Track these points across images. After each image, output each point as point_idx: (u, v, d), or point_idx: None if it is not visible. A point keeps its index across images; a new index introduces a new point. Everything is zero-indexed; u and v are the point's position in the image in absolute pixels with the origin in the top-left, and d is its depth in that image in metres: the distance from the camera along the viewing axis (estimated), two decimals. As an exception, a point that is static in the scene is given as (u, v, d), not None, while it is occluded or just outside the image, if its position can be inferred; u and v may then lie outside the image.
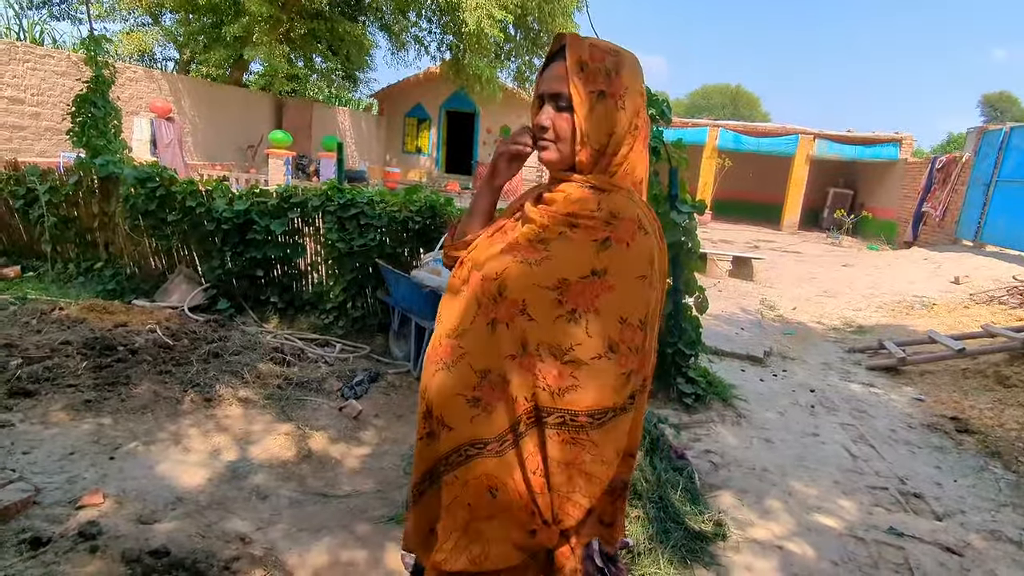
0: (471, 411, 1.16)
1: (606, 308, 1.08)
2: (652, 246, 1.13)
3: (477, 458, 1.16)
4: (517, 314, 1.12)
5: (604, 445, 1.10)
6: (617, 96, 1.14)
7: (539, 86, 1.21)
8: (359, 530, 2.41)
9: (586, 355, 1.08)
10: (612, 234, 1.11)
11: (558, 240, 1.14)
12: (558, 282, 1.10)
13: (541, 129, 1.18)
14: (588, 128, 1.14)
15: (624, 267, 1.10)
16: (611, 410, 1.09)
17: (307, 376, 3.74)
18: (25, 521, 2.17)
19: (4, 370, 3.29)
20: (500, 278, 1.15)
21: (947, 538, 2.69)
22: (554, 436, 1.09)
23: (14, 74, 9.07)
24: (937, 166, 12.81)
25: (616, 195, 1.15)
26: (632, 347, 1.09)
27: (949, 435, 3.87)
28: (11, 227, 5.80)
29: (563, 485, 1.10)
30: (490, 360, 1.15)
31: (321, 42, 14.62)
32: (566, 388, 1.08)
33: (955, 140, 25.53)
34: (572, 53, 1.13)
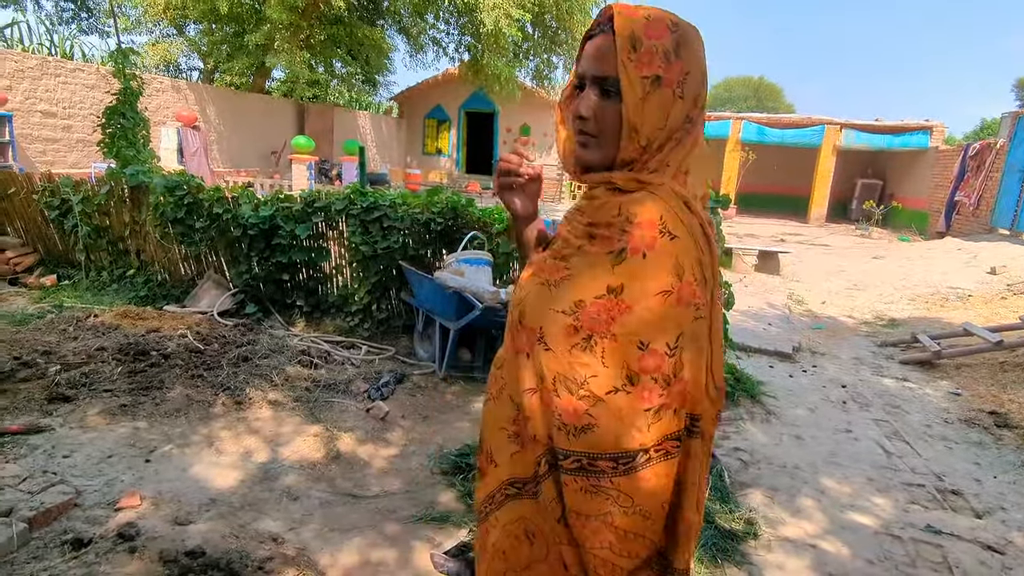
0: (512, 446, 1.06)
1: (623, 332, 0.90)
2: (680, 252, 0.92)
3: (515, 499, 1.05)
4: (536, 343, 0.98)
5: (640, 496, 0.92)
6: (675, 83, 0.93)
7: (580, 64, 0.99)
8: (388, 530, 2.43)
9: (602, 389, 0.91)
10: (629, 242, 0.92)
11: (577, 255, 0.99)
12: (574, 305, 0.94)
13: (580, 120, 0.98)
14: (638, 121, 0.93)
15: (640, 282, 0.91)
16: (639, 452, 0.91)
17: (334, 378, 3.79)
18: (67, 523, 2.24)
19: (44, 376, 3.39)
20: (521, 303, 1.04)
21: (987, 536, 2.62)
22: (571, 483, 0.94)
23: (46, 88, 9.34)
24: (970, 153, 12.46)
25: (639, 195, 0.96)
26: (658, 377, 0.90)
27: (988, 430, 3.76)
28: (47, 237, 5.97)
29: (588, 540, 0.94)
30: (518, 392, 1.03)
31: (341, 47, 14.78)
32: (583, 428, 0.92)
33: (988, 126, 24.81)
34: (623, 27, 0.91)
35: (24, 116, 8.98)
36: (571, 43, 14.32)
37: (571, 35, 14.09)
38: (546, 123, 18.25)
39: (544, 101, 17.24)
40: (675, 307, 0.91)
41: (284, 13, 11.42)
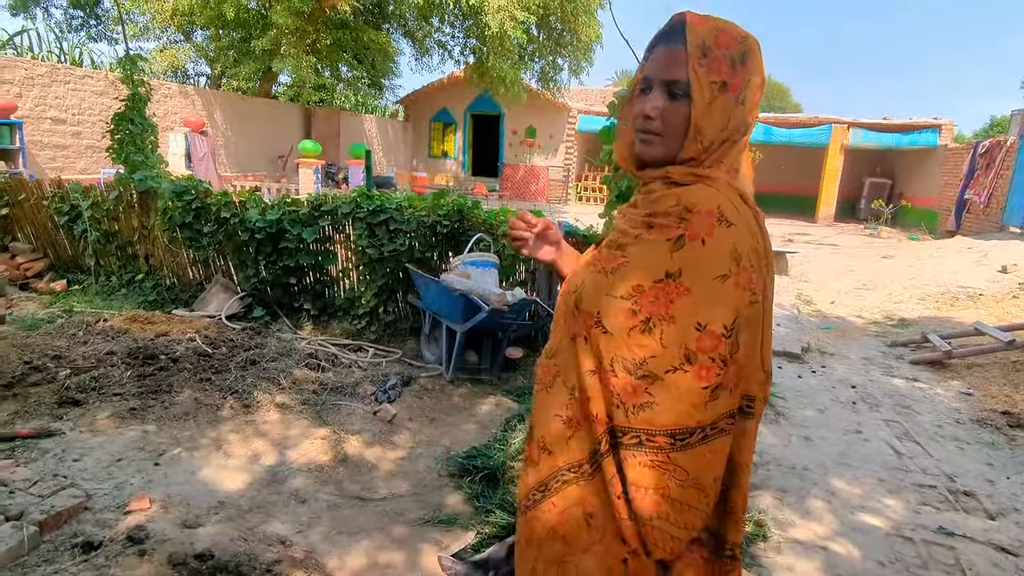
0: (567, 431, 1.09)
1: (682, 314, 0.96)
2: (737, 239, 0.97)
3: (573, 483, 1.09)
4: (593, 327, 1.04)
5: (695, 470, 0.97)
6: (739, 89, 1.01)
7: (646, 68, 1.06)
8: (396, 532, 2.43)
9: (661, 368, 0.96)
10: (687, 230, 0.98)
11: (634, 244, 1.05)
12: (633, 290, 1.00)
13: (646, 119, 1.04)
14: (704, 124, 1.00)
15: (699, 266, 0.96)
16: (696, 429, 0.96)
17: (341, 381, 3.80)
18: (77, 526, 2.25)
19: (54, 380, 3.42)
20: (577, 291, 1.09)
21: (1001, 538, 2.59)
22: (630, 458, 0.99)
23: (56, 95, 9.43)
24: (980, 151, 12.36)
25: (696, 186, 1.02)
26: (715, 356, 0.95)
27: (1000, 430, 3.72)
28: (57, 243, 6.02)
29: (647, 511, 0.98)
30: (574, 376, 1.08)
31: (347, 51, 14.83)
32: (641, 405, 0.97)
33: (998, 123, 24.59)
34: (694, 35, 0.99)
35: (34, 123, 9.06)
36: (576, 45, 14.30)
37: (576, 37, 14.07)
38: (552, 125, 18.25)
39: (550, 103, 17.24)
40: (733, 290, 0.96)
41: (290, 18, 11.48)
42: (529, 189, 18.56)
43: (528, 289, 4.40)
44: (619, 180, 4.04)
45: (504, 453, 2.87)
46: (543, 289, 4.36)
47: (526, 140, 18.68)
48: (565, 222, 4.40)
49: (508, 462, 2.78)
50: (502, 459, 2.81)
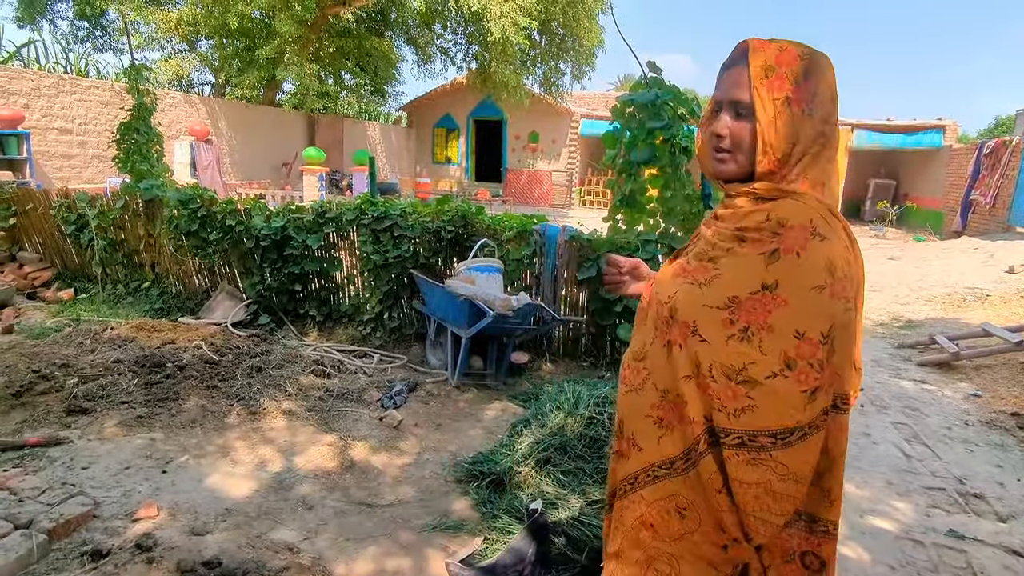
0: (658, 431, 1.18)
1: (780, 323, 1.03)
2: (831, 252, 1.04)
3: (664, 479, 1.17)
4: (689, 335, 1.11)
5: (794, 464, 1.04)
6: (804, 102, 1.07)
7: (717, 91, 1.16)
8: (403, 539, 2.43)
9: (761, 374, 1.03)
10: (781, 244, 1.05)
11: (727, 257, 1.11)
12: (728, 300, 1.07)
13: (717, 138, 1.14)
14: (771, 138, 1.07)
15: (796, 278, 1.03)
16: (796, 429, 1.03)
17: (347, 387, 3.80)
18: (86, 534, 2.26)
19: (62, 389, 3.44)
20: (671, 301, 1.15)
21: (1012, 540, 2.56)
22: (733, 457, 1.06)
23: (63, 106, 9.51)
24: (985, 151, 12.31)
25: (785, 202, 1.08)
26: (813, 362, 1.02)
27: (1010, 432, 3.69)
28: (64, 252, 6.06)
29: (749, 504, 1.07)
30: (668, 380, 1.16)
31: (349, 59, 14.92)
32: (743, 408, 1.05)
33: (1003, 123, 24.49)
34: (756, 58, 1.08)
35: (41, 133, 9.14)
36: (578, 49, 14.33)
37: (578, 41, 14.11)
38: (555, 129, 18.28)
39: (552, 108, 17.27)
40: (829, 300, 1.03)
41: (293, 27, 11.55)
42: (532, 194, 18.58)
43: (532, 294, 4.40)
44: (622, 185, 4.05)
45: (510, 458, 2.86)
46: (547, 294, 4.36)
47: (529, 145, 18.71)
48: (569, 227, 4.40)
49: (514, 467, 2.77)
50: (508, 464, 2.81)
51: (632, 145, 3.91)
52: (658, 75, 3.83)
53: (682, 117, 3.83)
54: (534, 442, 2.92)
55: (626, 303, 4.07)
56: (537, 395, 3.69)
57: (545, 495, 2.57)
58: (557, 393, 3.35)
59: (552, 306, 4.27)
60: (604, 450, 2.83)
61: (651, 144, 3.85)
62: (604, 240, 4.16)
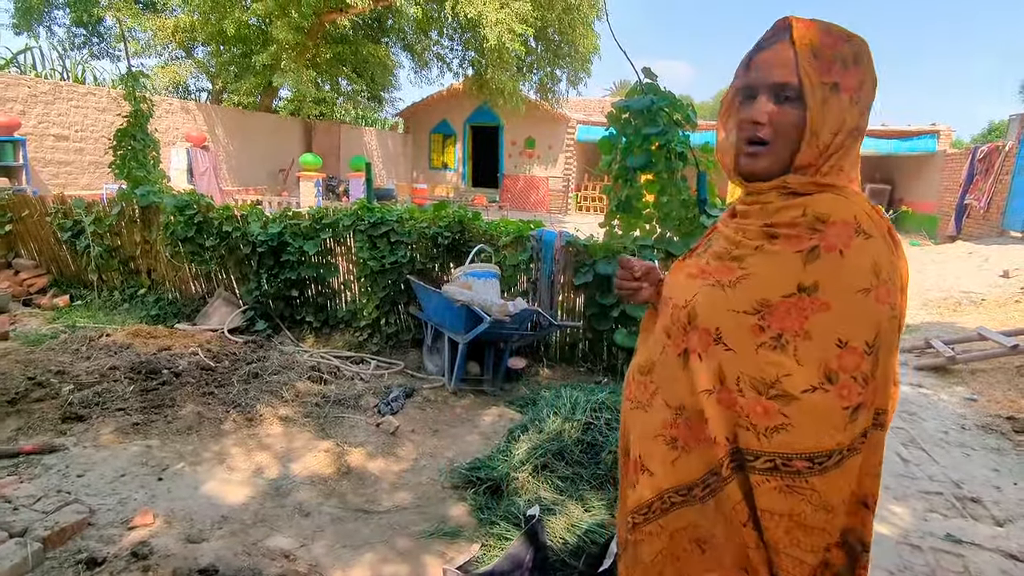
0: (672, 454, 1.04)
1: (819, 330, 0.91)
2: (877, 251, 0.93)
3: (682, 507, 1.04)
4: (711, 344, 0.98)
5: (828, 492, 0.92)
6: (852, 90, 0.96)
7: (750, 74, 1.02)
8: (400, 545, 2.42)
9: (797, 388, 0.91)
10: (821, 241, 0.93)
11: (755, 255, 0.99)
12: (758, 304, 0.95)
13: (753, 126, 0.99)
14: (819, 126, 0.95)
15: (839, 279, 0.92)
16: (835, 452, 0.91)
17: (344, 393, 3.79)
18: (81, 542, 2.25)
19: (57, 396, 3.42)
20: (689, 305, 1.03)
21: (1009, 544, 2.57)
22: (763, 483, 0.93)
23: (59, 112, 9.50)
24: (979, 156, 12.39)
25: (823, 196, 0.97)
26: (857, 375, 0.90)
27: (1006, 436, 3.71)
28: (60, 258, 6.05)
29: (781, 540, 0.94)
30: (683, 395, 1.02)
31: (346, 65, 14.95)
32: (775, 427, 0.92)
33: (996, 128, 24.66)
34: (802, 36, 0.96)
35: (37, 140, 9.13)
36: (574, 56, 14.41)
37: (574, 48, 14.18)
38: (551, 135, 18.33)
39: (548, 114, 17.33)
40: (874, 305, 0.92)
41: (290, 33, 11.58)
42: (529, 199, 18.62)
43: (529, 299, 4.41)
44: (618, 190, 4.06)
45: (508, 464, 2.86)
46: (544, 299, 4.36)
47: (525, 151, 18.76)
48: (566, 232, 4.41)
49: (512, 473, 2.77)
50: (506, 470, 2.81)
51: (628, 151, 3.92)
52: (653, 81, 3.85)
53: (677, 123, 3.84)
54: (531, 448, 2.91)
55: (623, 308, 4.08)
56: (534, 401, 3.69)
57: (543, 501, 2.56)
58: (554, 399, 3.35)
59: (549, 311, 4.27)
60: (602, 456, 2.83)
61: (647, 150, 3.87)
62: (600, 245, 4.17)
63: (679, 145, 3.83)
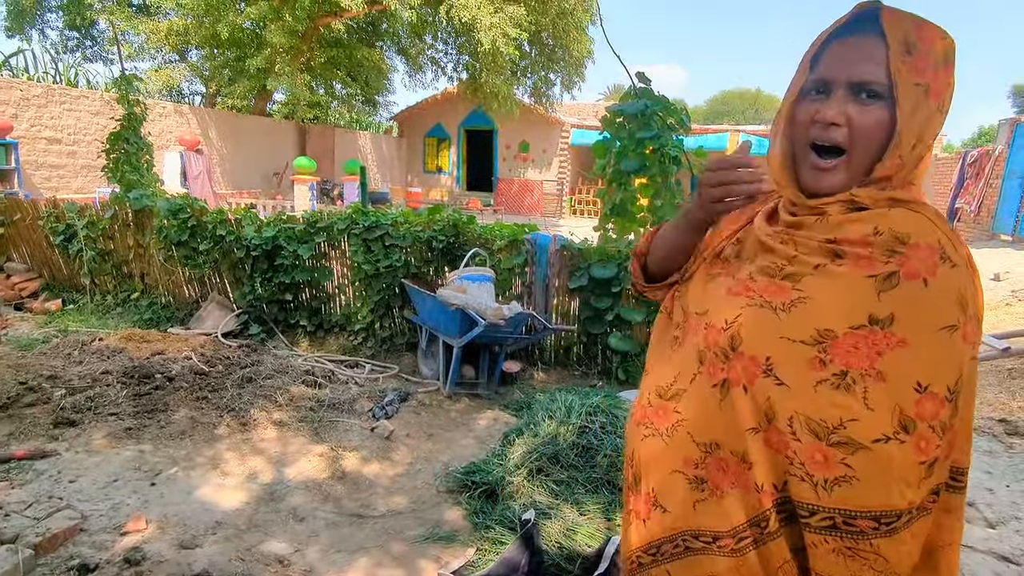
0: (694, 494, 0.91)
1: (895, 371, 0.78)
2: (963, 282, 0.81)
3: (701, 554, 0.91)
4: (759, 375, 0.85)
5: (895, 558, 0.80)
6: (941, 94, 0.84)
7: (820, 69, 0.88)
8: (395, 549, 2.41)
9: (866, 436, 0.78)
10: (902, 266, 0.80)
11: (815, 276, 0.85)
12: (818, 334, 0.82)
13: (830, 126, 0.85)
14: (908, 133, 0.83)
15: (922, 313, 0.79)
16: (905, 512, 0.79)
17: (338, 397, 3.78)
18: (73, 548, 2.23)
19: (49, 401, 3.40)
20: (731, 327, 0.88)
21: (1002, 547, 2.58)
22: (821, 543, 0.81)
23: (51, 116, 9.46)
24: (969, 160, 12.50)
25: (897, 212, 0.84)
26: (935, 425, 0.78)
27: (998, 438, 3.73)
28: (52, 262, 6.01)
29: None
30: (718, 432, 0.89)
31: (341, 69, 14.97)
32: (837, 479, 0.79)
33: (986, 133, 24.90)
34: (895, 26, 0.83)
35: (30, 143, 9.08)
36: (568, 60, 14.47)
37: (568, 52, 14.25)
38: (545, 139, 18.37)
39: (543, 117, 17.37)
40: (960, 345, 0.79)
41: (284, 37, 11.59)
42: (524, 203, 18.64)
43: (524, 303, 4.41)
44: (612, 194, 4.08)
45: (503, 468, 2.86)
46: (539, 303, 4.37)
47: (520, 154, 18.79)
48: (560, 236, 4.42)
49: (507, 477, 2.77)
50: (501, 474, 2.80)
51: (622, 155, 3.94)
52: (647, 85, 3.88)
53: (671, 127, 3.87)
54: (526, 451, 2.91)
55: (618, 312, 4.09)
56: (529, 404, 3.69)
57: (538, 505, 2.56)
58: (549, 402, 3.35)
59: (544, 315, 4.27)
60: (596, 459, 2.83)
61: (640, 154, 3.89)
62: (595, 249, 4.18)
63: (673, 149, 3.85)
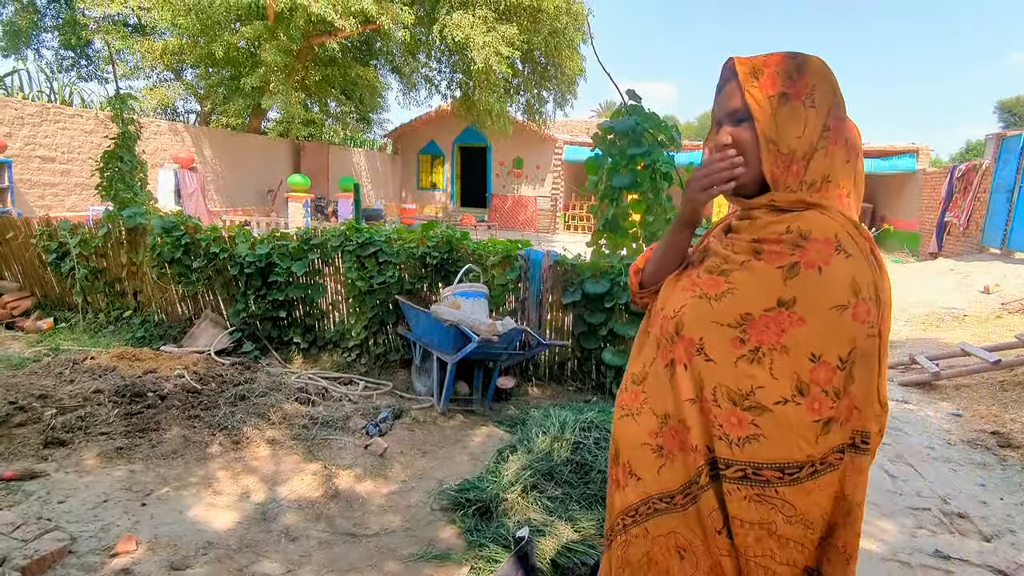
0: (658, 461, 1.08)
1: (795, 344, 0.94)
2: (857, 270, 0.96)
3: (665, 513, 1.07)
4: (694, 354, 1.02)
5: (803, 506, 0.94)
6: (803, 95, 1.00)
7: (714, 112, 1.13)
8: (389, 569, 2.39)
9: (769, 399, 0.94)
10: (801, 258, 0.97)
11: (740, 271, 1.03)
12: (740, 318, 0.99)
13: (722, 148, 1.06)
14: (771, 132, 1.00)
15: (816, 295, 0.95)
16: (806, 464, 0.94)
17: (332, 415, 3.76)
18: (61, 570, 2.20)
19: (39, 420, 3.36)
20: (677, 315, 1.07)
21: (997, 560, 2.58)
22: (735, 491, 0.97)
23: (46, 134, 9.47)
24: (957, 175, 12.65)
25: (809, 213, 1.00)
26: (828, 389, 0.94)
27: (991, 451, 3.74)
28: (44, 280, 5.98)
29: (750, 547, 0.97)
30: (669, 404, 1.06)
31: (335, 87, 15.06)
32: (748, 437, 0.96)
33: (974, 148, 25.25)
34: (742, 67, 1.04)
35: (23, 162, 9.07)
36: (560, 78, 14.63)
37: (560, 70, 14.41)
38: (538, 156, 18.50)
39: (536, 135, 17.51)
40: (850, 322, 0.95)
41: (279, 56, 11.67)
42: (517, 219, 18.71)
43: (518, 318, 4.42)
44: (604, 210, 4.11)
45: (497, 485, 2.84)
46: (533, 318, 4.37)
47: (513, 171, 18.90)
48: (554, 252, 4.44)
49: (501, 494, 2.75)
50: (495, 491, 2.79)
51: (614, 171, 3.98)
52: (638, 102, 3.92)
53: (662, 143, 3.91)
54: (520, 468, 2.90)
55: (611, 327, 4.10)
56: (523, 420, 3.68)
57: (532, 522, 2.55)
58: (543, 418, 3.34)
59: (537, 331, 4.28)
60: (591, 475, 2.82)
61: (632, 170, 3.92)
62: (588, 264, 4.20)
63: (664, 165, 3.89)
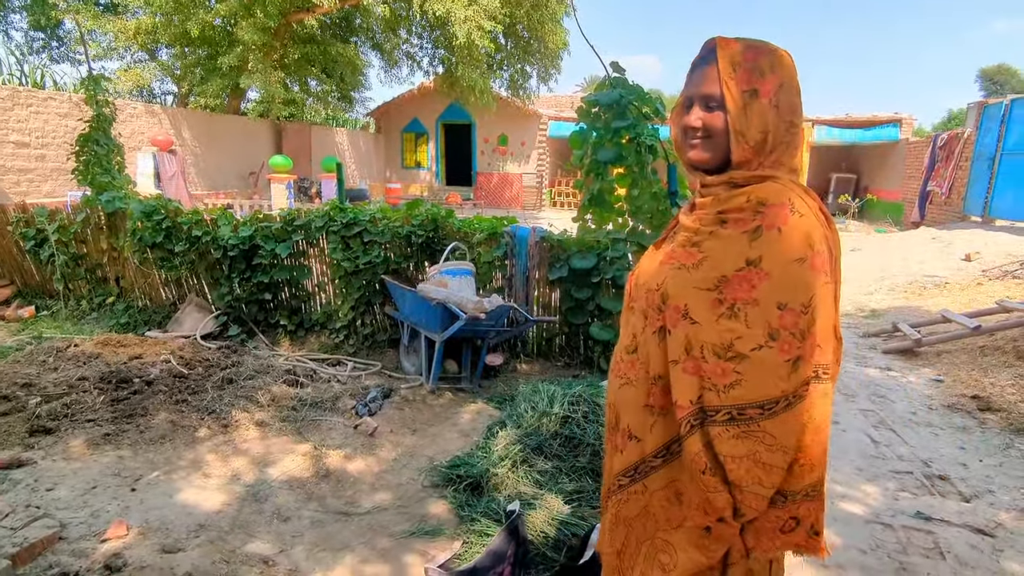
0: (649, 418, 1.22)
1: (764, 297, 1.07)
2: (810, 226, 1.10)
3: (662, 467, 1.21)
4: (680, 319, 1.14)
5: (781, 434, 1.08)
6: (770, 94, 1.13)
7: (687, 89, 1.21)
8: (381, 546, 2.41)
9: (746, 347, 1.08)
10: (763, 221, 1.10)
11: (710, 240, 1.15)
12: (717, 280, 1.11)
13: (691, 130, 1.18)
14: (742, 127, 1.14)
15: (778, 252, 1.08)
16: (781, 399, 1.07)
17: (321, 396, 3.76)
18: (52, 557, 2.19)
19: (24, 409, 3.33)
20: (662, 287, 1.19)
21: (977, 520, 2.65)
22: (723, 433, 1.10)
23: (18, 119, 9.22)
24: (939, 144, 12.72)
25: (764, 184, 1.14)
26: (795, 332, 1.06)
27: (971, 414, 3.82)
28: (24, 268, 5.88)
29: (742, 479, 1.10)
30: (660, 366, 1.19)
31: (315, 65, 14.75)
32: (731, 384, 1.09)
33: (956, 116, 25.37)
34: (724, 55, 1.14)
35: (-5, 147, 8.85)
36: (544, 52, 14.43)
37: (543, 44, 14.21)
38: (523, 132, 18.33)
39: (520, 110, 17.32)
40: (809, 272, 1.07)
41: (256, 34, 11.39)
42: (503, 196, 18.61)
43: (505, 296, 4.41)
44: (590, 184, 4.09)
45: (487, 461, 2.86)
46: (520, 295, 4.37)
47: (498, 148, 18.74)
48: (540, 228, 4.42)
49: (492, 469, 2.78)
50: (485, 467, 2.81)
51: (599, 145, 3.95)
52: (622, 75, 3.88)
53: (646, 116, 3.88)
54: (510, 443, 2.92)
55: (598, 301, 4.11)
56: (512, 396, 3.70)
57: (523, 496, 2.58)
58: (532, 393, 3.36)
59: (525, 307, 4.28)
60: (580, 448, 2.85)
61: (617, 143, 3.90)
62: (574, 240, 4.19)
63: (649, 138, 3.86)
